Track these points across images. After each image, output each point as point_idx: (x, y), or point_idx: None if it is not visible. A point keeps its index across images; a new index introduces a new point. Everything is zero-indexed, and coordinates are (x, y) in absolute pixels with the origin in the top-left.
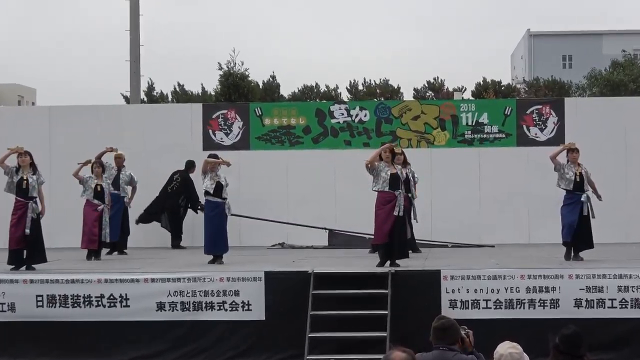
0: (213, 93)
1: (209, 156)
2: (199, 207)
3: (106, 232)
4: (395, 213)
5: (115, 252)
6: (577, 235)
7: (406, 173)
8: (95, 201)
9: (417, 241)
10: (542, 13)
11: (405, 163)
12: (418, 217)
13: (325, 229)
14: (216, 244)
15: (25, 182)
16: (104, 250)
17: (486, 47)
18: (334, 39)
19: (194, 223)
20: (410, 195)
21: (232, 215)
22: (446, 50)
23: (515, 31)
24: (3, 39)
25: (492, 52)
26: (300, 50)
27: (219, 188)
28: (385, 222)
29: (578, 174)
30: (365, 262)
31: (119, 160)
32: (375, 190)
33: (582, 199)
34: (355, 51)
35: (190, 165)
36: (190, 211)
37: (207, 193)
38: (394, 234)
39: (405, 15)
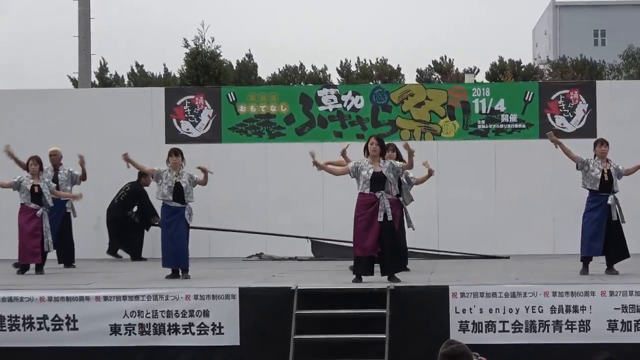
0: (178, 75)
1: (170, 153)
2: (154, 221)
3: (49, 240)
4: (380, 218)
5: (62, 265)
6: (608, 245)
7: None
8: (33, 205)
9: (417, 251)
10: None
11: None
12: (414, 222)
13: (307, 238)
14: (176, 256)
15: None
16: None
17: (503, 20)
18: (322, 10)
19: (158, 230)
20: (401, 199)
21: (193, 228)
22: (455, 24)
23: (537, 1)
24: None
25: (511, 27)
26: (281, 25)
27: (178, 191)
28: (367, 229)
29: (606, 171)
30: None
31: (55, 157)
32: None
33: (608, 202)
34: (347, 25)
35: (142, 176)
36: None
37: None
38: (384, 243)
39: None
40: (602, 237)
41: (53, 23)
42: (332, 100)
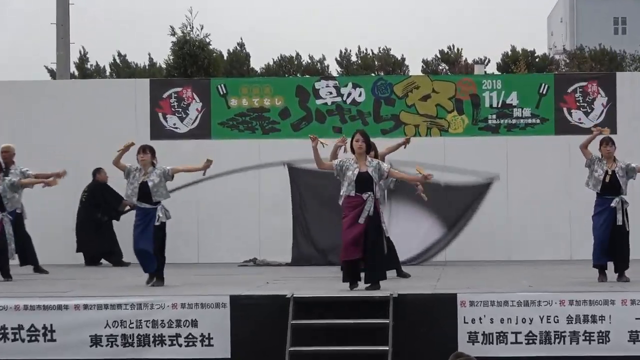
0: (164, 65)
1: (138, 150)
2: (122, 208)
3: (12, 248)
4: (361, 220)
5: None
6: (614, 251)
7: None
8: None
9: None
10: None
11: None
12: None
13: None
14: (142, 260)
15: None
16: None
17: (516, 6)
18: None
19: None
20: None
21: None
22: (464, 11)
23: None
24: None
25: (524, 14)
26: (276, 11)
27: (144, 190)
28: (346, 233)
29: (610, 172)
30: (359, 283)
31: (6, 154)
32: (341, 196)
33: (612, 204)
34: (347, 12)
35: (96, 172)
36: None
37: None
38: (367, 246)
39: None
40: (607, 244)
41: (29, 9)
42: (331, 93)
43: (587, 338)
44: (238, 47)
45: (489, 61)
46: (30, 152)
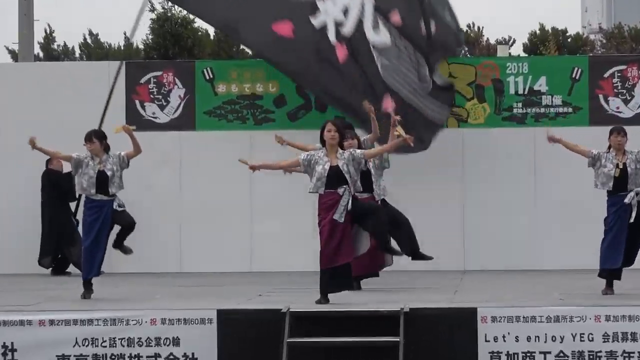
0: (141, 46)
1: (85, 139)
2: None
3: None
4: (339, 218)
5: None
6: (627, 256)
7: (365, 161)
8: None
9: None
10: None
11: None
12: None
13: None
14: (90, 262)
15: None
16: None
17: None
18: None
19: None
20: (375, 194)
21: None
22: None
23: None
24: None
25: None
26: None
27: (103, 180)
28: (325, 237)
29: (621, 165)
30: (365, 295)
31: None
32: (310, 192)
33: (625, 200)
34: None
35: (49, 161)
36: None
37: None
38: (339, 249)
39: None
40: (621, 245)
41: None
42: None
43: (627, 358)
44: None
45: (514, 41)
46: None
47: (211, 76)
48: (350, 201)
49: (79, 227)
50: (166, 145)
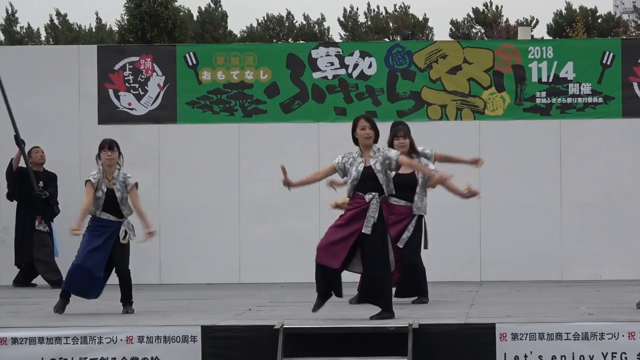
0: (116, 28)
1: (102, 146)
2: (36, 193)
3: None
4: (365, 230)
5: None
6: None
7: (397, 166)
8: None
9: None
10: None
11: (413, 151)
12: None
13: None
14: (89, 284)
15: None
16: None
17: None
18: None
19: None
20: (414, 206)
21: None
22: None
23: None
24: None
25: None
26: None
27: (111, 203)
28: (337, 231)
29: None
30: (368, 309)
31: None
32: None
33: None
34: None
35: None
36: None
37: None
38: (366, 262)
39: None
40: None
41: None
42: (332, 63)
43: None
44: (212, 5)
45: (537, 22)
46: None
47: (194, 62)
48: (377, 213)
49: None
50: (144, 140)
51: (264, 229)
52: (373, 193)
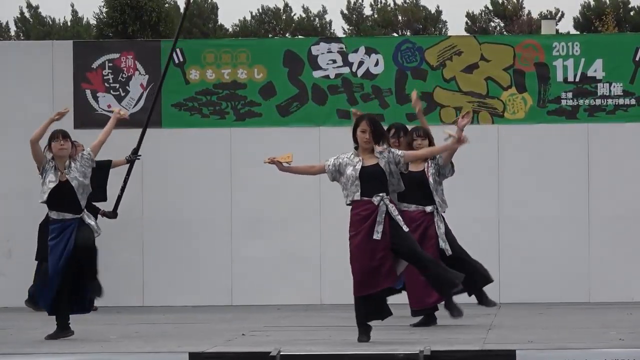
0: (94, 22)
1: (54, 136)
2: None
3: None
4: (377, 236)
5: None
6: None
7: (405, 165)
8: None
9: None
10: None
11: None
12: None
13: None
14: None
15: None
16: None
17: None
18: None
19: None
20: (434, 208)
21: None
22: None
23: None
24: None
25: None
26: None
27: (66, 195)
28: (359, 257)
29: None
30: (377, 333)
31: None
32: (348, 205)
33: None
34: None
35: None
36: None
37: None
38: (379, 271)
39: None
40: None
41: None
42: (335, 61)
43: None
44: None
45: (562, 15)
46: None
47: (181, 59)
48: (385, 215)
49: None
50: (125, 147)
51: (258, 246)
52: (380, 194)
